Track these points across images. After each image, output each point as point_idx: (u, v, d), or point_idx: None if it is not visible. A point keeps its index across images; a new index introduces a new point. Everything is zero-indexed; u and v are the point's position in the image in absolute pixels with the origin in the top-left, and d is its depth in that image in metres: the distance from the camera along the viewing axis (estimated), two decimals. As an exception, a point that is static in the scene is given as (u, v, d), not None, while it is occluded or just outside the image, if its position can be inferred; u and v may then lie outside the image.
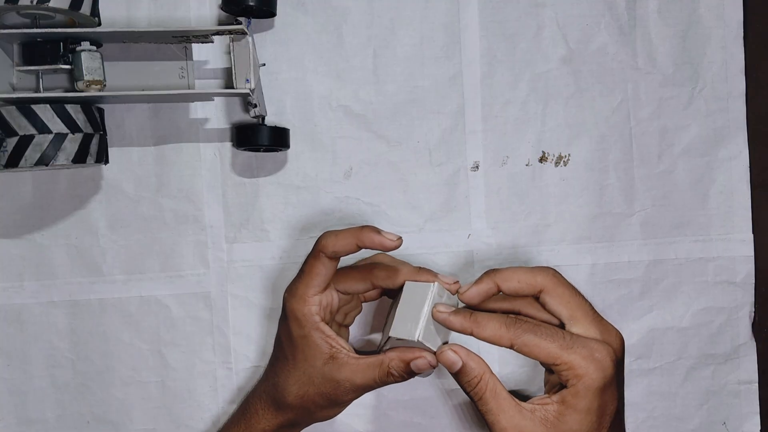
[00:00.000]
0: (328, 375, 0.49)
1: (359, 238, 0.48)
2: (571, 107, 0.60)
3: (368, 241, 0.48)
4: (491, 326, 0.45)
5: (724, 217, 0.61)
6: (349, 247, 0.49)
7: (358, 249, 0.49)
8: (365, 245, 0.48)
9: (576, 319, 0.45)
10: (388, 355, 0.48)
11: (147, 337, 0.58)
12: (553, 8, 0.59)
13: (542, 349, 0.43)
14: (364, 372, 0.49)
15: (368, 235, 0.48)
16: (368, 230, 0.48)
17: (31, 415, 0.58)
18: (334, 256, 0.49)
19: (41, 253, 0.57)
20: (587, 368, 0.42)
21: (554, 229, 0.60)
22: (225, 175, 0.58)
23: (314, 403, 0.50)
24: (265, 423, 0.53)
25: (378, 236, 0.48)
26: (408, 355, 0.48)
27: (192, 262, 0.58)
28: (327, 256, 0.49)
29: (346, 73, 0.58)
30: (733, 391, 0.62)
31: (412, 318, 0.48)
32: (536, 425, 0.44)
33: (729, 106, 0.60)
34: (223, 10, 0.55)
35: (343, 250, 0.49)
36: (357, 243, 0.48)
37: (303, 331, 0.50)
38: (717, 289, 0.61)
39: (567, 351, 0.43)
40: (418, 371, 0.48)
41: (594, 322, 0.45)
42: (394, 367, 0.48)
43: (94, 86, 0.51)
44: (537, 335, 0.44)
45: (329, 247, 0.49)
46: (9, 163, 0.49)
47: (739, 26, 0.60)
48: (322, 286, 0.50)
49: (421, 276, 0.50)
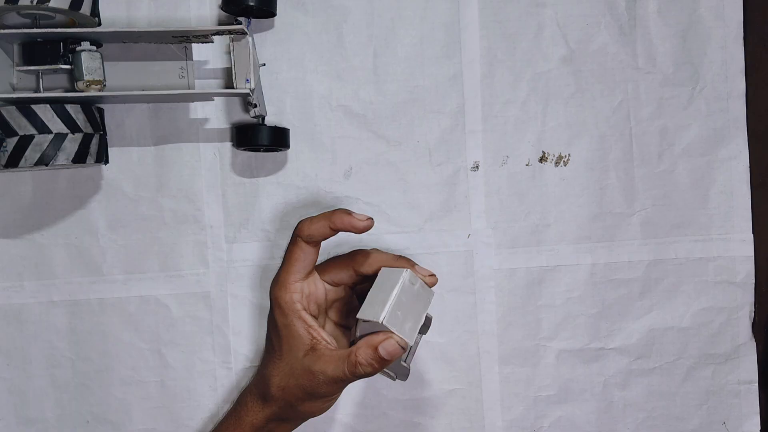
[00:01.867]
0: (307, 366, 0.50)
1: (331, 220, 0.50)
2: (571, 107, 0.60)
3: (339, 223, 0.50)
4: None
5: (724, 217, 0.61)
6: (322, 229, 0.50)
7: (333, 232, 0.50)
8: (337, 227, 0.50)
9: None
10: (356, 345, 0.48)
11: (146, 337, 0.58)
12: (554, 8, 0.59)
13: None
14: (335, 364, 0.48)
15: (339, 216, 0.50)
16: (339, 212, 0.50)
17: (31, 415, 0.58)
18: (309, 240, 0.51)
19: (41, 252, 0.57)
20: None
21: (554, 229, 0.60)
22: (225, 175, 0.58)
23: (294, 395, 0.51)
24: (253, 416, 0.53)
25: (348, 217, 0.50)
26: (375, 339, 0.47)
27: (192, 261, 0.58)
28: (304, 240, 0.51)
29: (346, 72, 0.58)
30: (733, 391, 0.62)
31: (381, 301, 0.47)
32: None
33: (729, 106, 0.60)
34: (223, 10, 0.55)
35: (317, 233, 0.50)
36: (330, 225, 0.50)
37: (286, 320, 0.51)
38: (717, 289, 0.61)
39: None
40: (388, 356, 0.47)
41: None
42: (362, 356, 0.47)
43: (94, 86, 0.51)
44: None
45: (305, 231, 0.51)
46: (9, 163, 0.49)
47: (739, 26, 0.60)
48: (303, 273, 0.52)
49: (398, 263, 0.51)
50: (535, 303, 0.60)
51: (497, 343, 0.60)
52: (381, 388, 0.60)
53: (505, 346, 0.60)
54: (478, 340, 0.60)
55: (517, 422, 0.60)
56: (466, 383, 0.60)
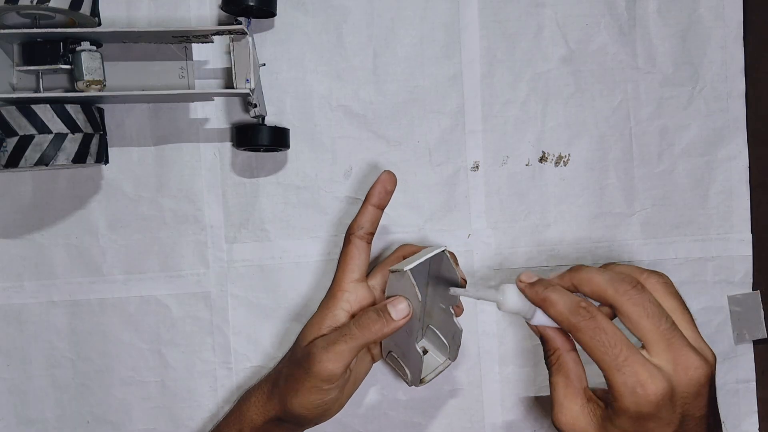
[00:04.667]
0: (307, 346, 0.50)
1: (368, 200, 0.53)
2: (571, 107, 0.60)
3: (375, 195, 0.53)
4: (558, 307, 0.42)
5: (724, 217, 0.61)
6: (368, 214, 0.53)
7: (376, 210, 0.53)
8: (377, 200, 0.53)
9: (646, 343, 0.41)
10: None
11: (147, 337, 0.58)
12: (553, 8, 0.59)
13: (594, 355, 0.41)
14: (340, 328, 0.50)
15: (371, 193, 0.53)
16: (369, 191, 0.53)
17: (31, 415, 0.58)
18: (361, 232, 0.53)
19: (41, 253, 0.57)
20: (623, 395, 0.40)
21: (554, 229, 0.60)
22: (225, 175, 0.58)
23: (294, 378, 0.50)
24: (254, 412, 0.53)
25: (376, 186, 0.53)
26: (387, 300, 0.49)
27: (192, 261, 0.58)
28: (357, 236, 0.53)
29: (346, 73, 0.58)
30: (731, 390, 0.62)
31: (412, 261, 0.49)
32: (589, 424, 0.43)
33: (729, 106, 0.60)
34: (223, 10, 0.55)
35: (365, 219, 0.53)
36: (370, 204, 0.53)
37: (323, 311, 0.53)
38: (716, 288, 0.61)
39: (613, 371, 0.40)
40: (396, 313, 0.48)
41: (667, 350, 0.41)
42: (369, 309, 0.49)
43: (94, 86, 0.51)
44: (593, 339, 0.41)
45: (355, 225, 0.53)
46: (9, 163, 0.49)
47: (739, 26, 0.60)
48: (358, 273, 0.53)
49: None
50: (535, 303, 0.60)
51: (497, 343, 0.60)
52: (381, 388, 0.60)
53: (505, 346, 0.60)
54: (478, 340, 0.60)
55: (517, 422, 0.60)
56: (466, 383, 0.60)
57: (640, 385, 0.40)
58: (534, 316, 0.44)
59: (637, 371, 0.40)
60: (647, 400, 0.40)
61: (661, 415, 0.40)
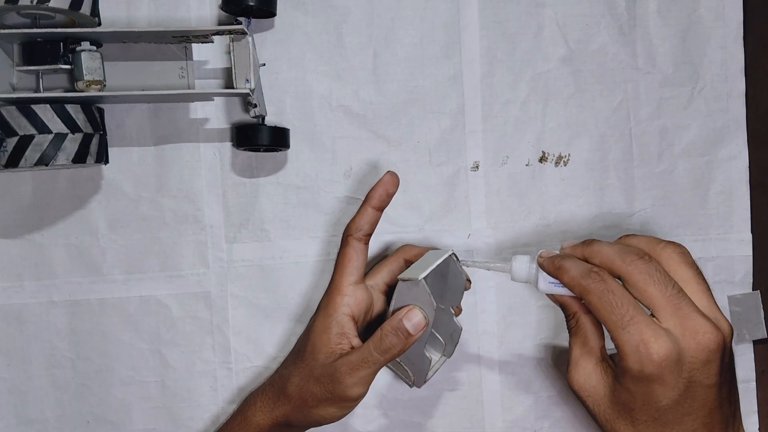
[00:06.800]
0: (329, 364, 0.50)
1: (367, 201, 0.52)
2: (571, 107, 0.60)
3: (375, 197, 0.52)
4: (571, 273, 0.44)
5: (724, 217, 0.61)
6: (366, 216, 0.52)
7: (375, 211, 0.52)
8: (376, 202, 0.52)
9: (654, 309, 0.42)
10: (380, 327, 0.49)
11: (147, 337, 0.58)
12: (553, 8, 0.59)
13: (601, 315, 0.42)
14: (359, 351, 0.49)
15: (371, 194, 0.52)
16: (369, 193, 0.52)
17: (31, 415, 0.58)
18: (359, 233, 0.52)
19: (41, 253, 0.57)
20: (627, 354, 0.41)
21: (554, 229, 0.60)
22: (225, 175, 0.58)
23: (313, 395, 0.50)
24: (260, 416, 0.53)
25: (376, 188, 0.52)
26: (399, 312, 0.48)
27: (192, 261, 0.58)
28: (354, 238, 0.53)
29: (346, 73, 0.58)
30: (732, 391, 0.62)
31: (422, 267, 0.49)
32: (599, 382, 0.44)
33: (729, 106, 0.60)
34: (223, 10, 0.55)
35: (363, 221, 0.52)
36: (370, 205, 0.52)
37: (325, 322, 0.52)
38: (716, 288, 0.61)
39: (618, 330, 0.41)
40: (413, 328, 0.48)
41: (675, 315, 0.41)
42: (386, 327, 0.48)
43: (94, 86, 0.51)
44: (601, 300, 0.42)
45: (352, 226, 0.53)
46: (9, 163, 0.49)
47: (739, 26, 0.60)
48: (356, 275, 0.53)
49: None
50: (535, 303, 0.60)
51: (497, 343, 0.60)
52: (381, 388, 0.60)
53: (505, 346, 0.60)
54: (478, 340, 0.60)
55: (518, 423, 0.60)
56: (466, 383, 0.60)
57: (643, 344, 0.40)
58: (538, 283, 0.47)
59: (641, 330, 0.41)
60: (650, 359, 0.40)
61: (665, 377, 0.41)
